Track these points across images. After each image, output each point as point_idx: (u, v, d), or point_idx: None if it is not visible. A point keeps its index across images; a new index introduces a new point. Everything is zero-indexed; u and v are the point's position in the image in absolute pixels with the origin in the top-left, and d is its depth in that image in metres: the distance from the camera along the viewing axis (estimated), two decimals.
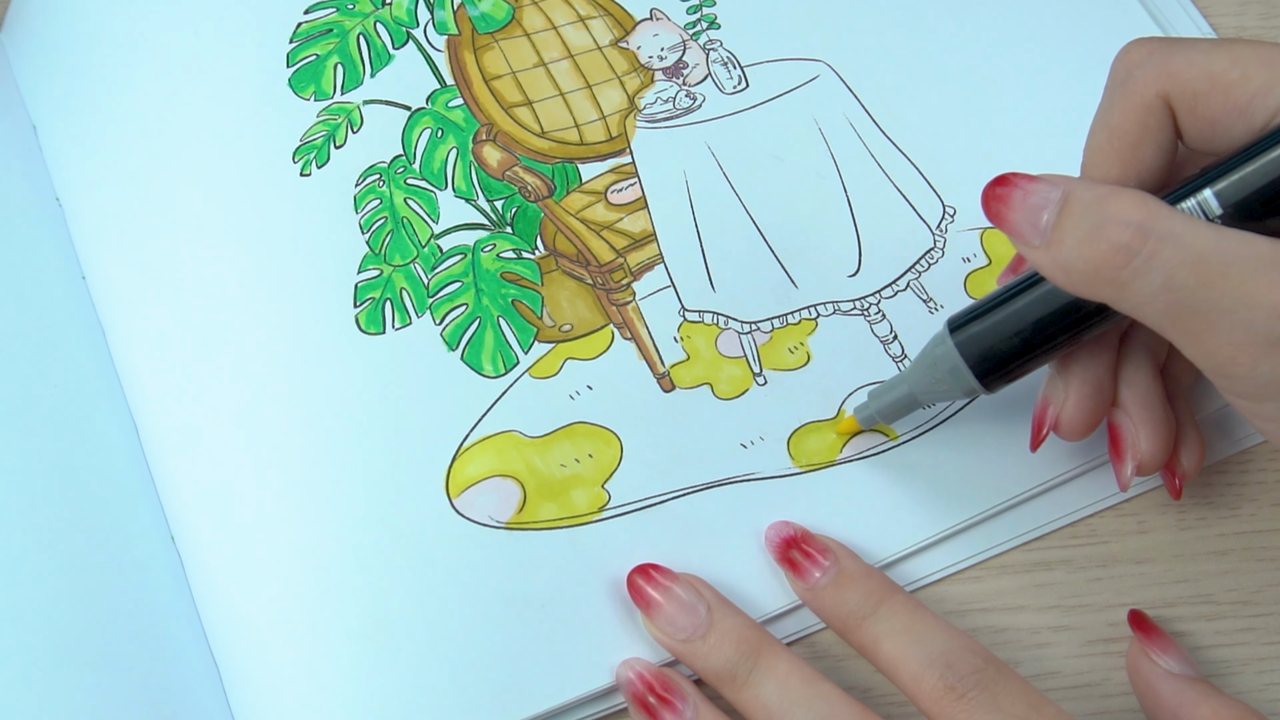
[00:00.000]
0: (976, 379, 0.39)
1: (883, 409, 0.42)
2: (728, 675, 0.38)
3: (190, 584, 0.42)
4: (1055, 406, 0.39)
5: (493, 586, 0.41)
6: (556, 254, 0.47)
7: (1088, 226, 0.33)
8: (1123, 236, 0.32)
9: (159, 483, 0.44)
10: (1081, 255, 0.33)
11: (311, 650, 0.40)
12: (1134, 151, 0.36)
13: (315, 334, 0.45)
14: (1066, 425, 0.39)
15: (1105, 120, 0.37)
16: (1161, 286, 0.32)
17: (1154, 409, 0.39)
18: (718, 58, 0.50)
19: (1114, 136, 0.36)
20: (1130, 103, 0.36)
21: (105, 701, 0.39)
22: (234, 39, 0.50)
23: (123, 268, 0.47)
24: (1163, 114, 0.35)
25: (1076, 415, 0.39)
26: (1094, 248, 0.33)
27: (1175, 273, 0.32)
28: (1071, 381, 0.39)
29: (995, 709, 0.36)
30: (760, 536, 0.42)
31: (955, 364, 0.39)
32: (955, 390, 0.39)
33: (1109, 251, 0.32)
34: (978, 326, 0.38)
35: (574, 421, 0.44)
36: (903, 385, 0.41)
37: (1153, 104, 0.35)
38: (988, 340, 0.38)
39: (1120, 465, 0.40)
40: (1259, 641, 0.41)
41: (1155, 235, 0.32)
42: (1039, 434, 0.40)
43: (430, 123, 0.49)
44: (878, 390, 0.42)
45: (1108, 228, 0.32)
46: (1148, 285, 0.32)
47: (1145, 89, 0.35)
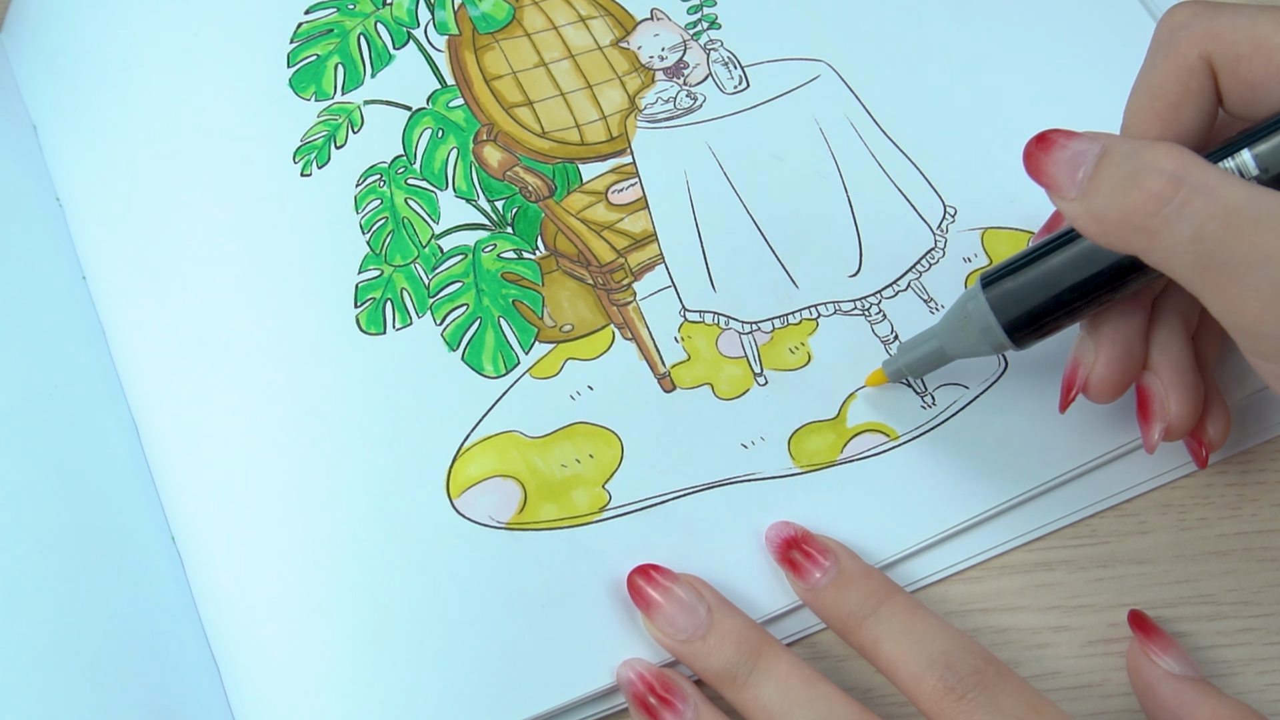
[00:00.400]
0: (1006, 335, 0.39)
1: (911, 363, 0.42)
2: (728, 676, 0.38)
3: (190, 584, 0.42)
4: (1085, 367, 0.39)
5: (493, 586, 0.41)
6: (557, 254, 0.47)
7: (1122, 174, 0.33)
8: (1156, 184, 0.32)
9: (159, 483, 0.44)
10: (1115, 203, 0.33)
11: (311, 650, 0.40)
12: (1174, 112, 0.36)
13: (316, 334, 0.45)
14: (1096, 386, 0.39)
15: (1147, 80, 0.37)
16: (1191, 237, 0.32)
17: (1185, 373, 0.39)
18: (718, 58, 0.50)
19: (1155, 97, 0.36)
20: (1173, 63, 0.36)
21: (105, 701, 0.39)
22: (234, 39, 0.50)
23: (123, 268, 0.47)
24: (1204, 76, 0.35)
25: (1107, 376, 0.39)
26: (1127, 195, 0.33)
27: (1206, 224, 0.31)
28: (1102, 342, 0.39)
29: (995, 709, 0.36)
30: (760, 537, 0.42)
31: (986, 319, 0.39)
32: (984, 345, 0.39)
33: (1141, 199, 0.32)
34: (1010, 282, 0.38)
35: (575, 422, 0.44)
36: (933, 340, 0.41)
37: (1195, 65, 0.35)
38: (1019, 296, 0.38)
39: (1148, 428, 0.39)
40: (1259, 642, 0.41)
41: (1188, 185, 0.32)
42: (1068, 395, 0.40)
43: (431, 123, 0.49)
44: (907, 344, 0.42)
45: (1141, 175, 0.32)
46: (1177, 235, 0.32)
47: (1188, 50, 0.35)
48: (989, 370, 0.44)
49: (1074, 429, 0.43)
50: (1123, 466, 0.43)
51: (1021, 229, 0.47)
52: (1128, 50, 0.49)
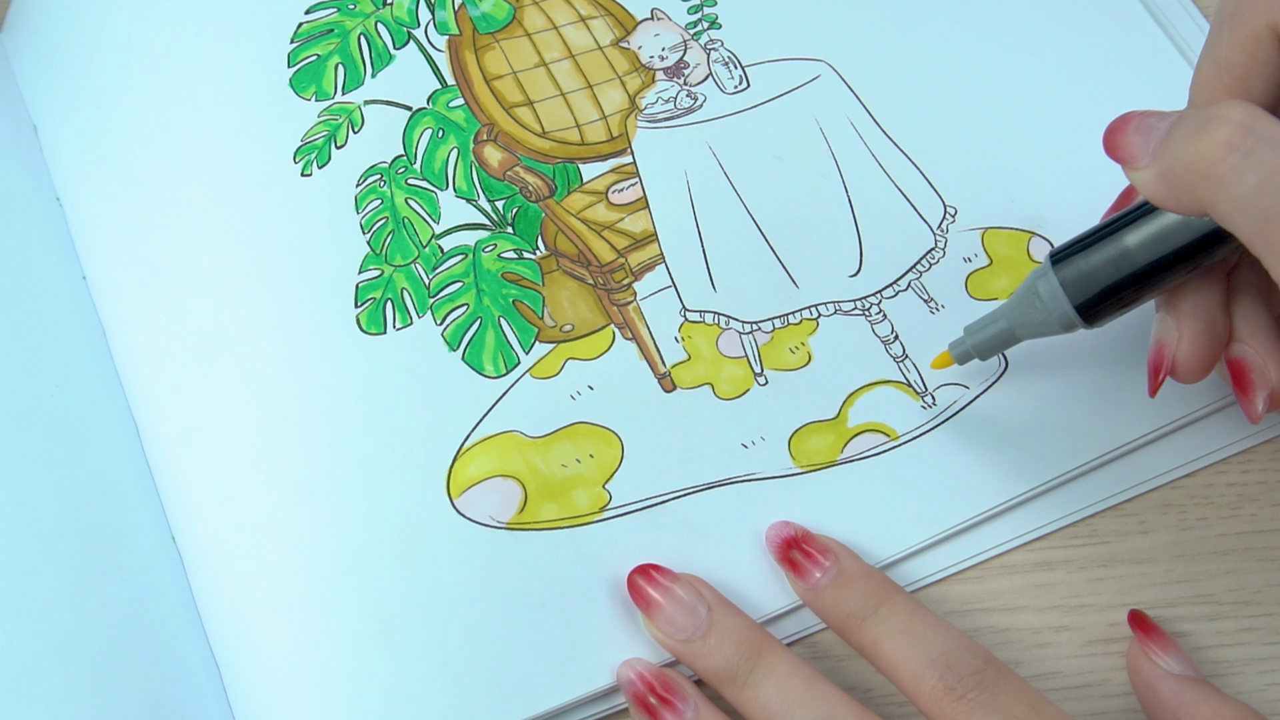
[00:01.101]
0: (1077, 313, 0.38)
1: (979, 344, 0.41)
2: (728, 675, 0.38)
3: (190, 584, 0.42)
4: (1170, 347, 0.38)
5: (493, 586, 0.41)
6: (557, 254, 0.47)
7: (1191, 129, 0.33)
8: (1223, 131, 0.32)
9: (159, 483, 0.44)
10: (1183, 155, 0.33)
11: (312, 650, 0.40)
12: (1242, 84, 0.36)
13: (316, 334, 0.45)
14: (1184, 364, 0.38)
15: (1213, 53, 0.36)
16: (1257, 187, 0.31)
17: (1276, 339, 0.38)
18: (719, 57, 0.50)
19: (1222, 69, 0.36)
20: (1239, 35, 0.35)
21: (105, 701, 0.39)
22: (235, 39, 0.50)
23: (123, 268, 0.47)
24: (1272, 46, 0.35)
25: (1194, 353, 0.38)
26: (1195, 143, 0.32)
27: (1273, 174, 0.31)
28: (1183, 319, 0.38)
29: (995, 709, 0.36)
30: (761, 536, 0.42)
31: (1056, 296, 0.38)
32: (1054, 324, 0.39)
33: (1209, 145, 0.32)
34: (1080, 259, 0.38)
35: (575, 421, 0.44)
36: (1001, 320, 0.40)
37: (1262, 35, 0.35)
38: (1090, 272, 0.38)
39: (1250, 399, 0.38)
40: (1259, 641, 0.41)
41: (1256, 134, 0.32)
42: (1156, 378, 0.39)
43: (431, 123, 0.49)
44: (974, 325, 0.41)
45: (1211, 124, 0.32)
46: (1244, 184, 0.32)
47: (1255, 20, 0.35)
48: (989, 370, 0.44)
49: (1074, 429, 0.43)
50: (1123, 466, 0.43)
51: (1022, 229, 0.47)
52: (1129, 50, 0.50)
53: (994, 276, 0.46)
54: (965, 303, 0.45)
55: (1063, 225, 0.47)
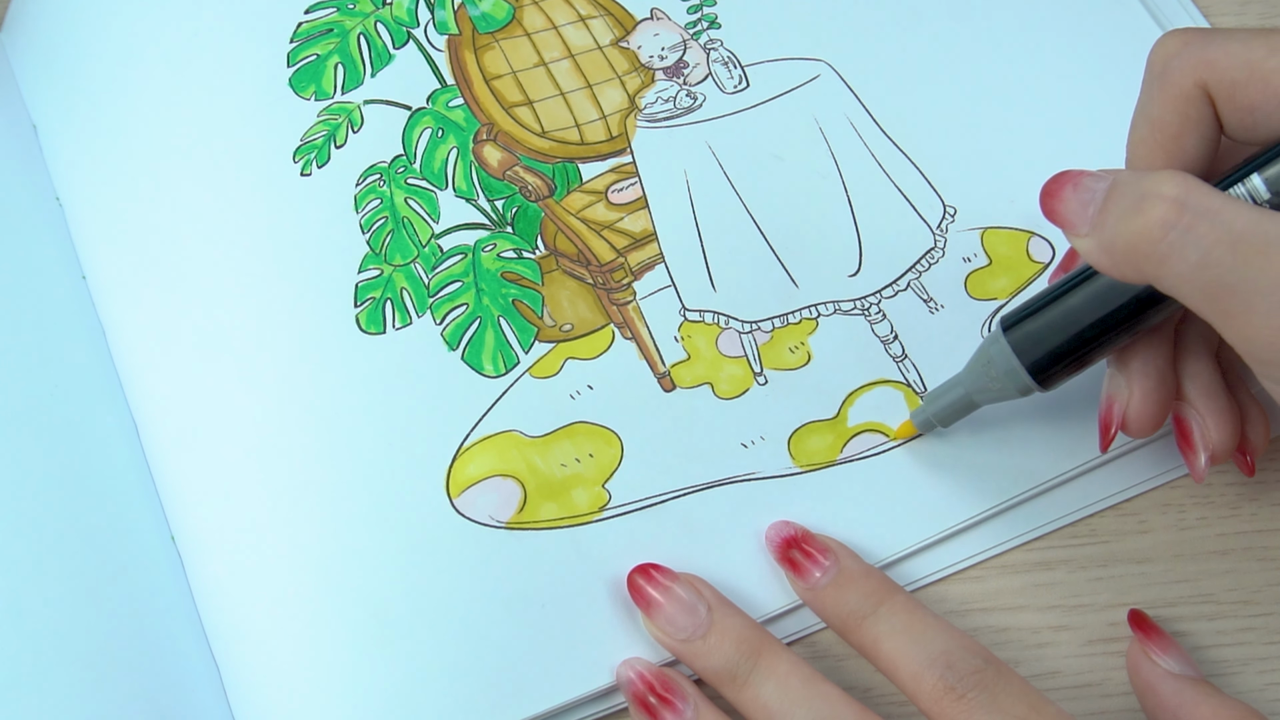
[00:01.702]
0: (1031, 377, 0.38)
1: (939, 411, 0.42)
2: (728, 675, 0.38)
3: (190, 584, 0.42)
4: (1120, 404, 0.39)
5: (493, 586, 0.41)
6: (557, 254, 0.47)
7: (1128, 203, 0.33)
8: (1159, 210, 0.32)
9: (159, 483, 0.44)
10: (1121, 231, 0.33)
11: (311, 650, 0.40)
12: (1176, 142, 0.36)
13: (316, 334, 0.45)
14: (1135, 420, 0.39)
15: (1146, 113, 0.37)
16: (1198, 263, 0.32)
17: (1218, 397, 0.39)
18: (718, 57, 0.50)
19: (1155, 129, 0.36)
20: (1169, 94, 0.36)
21: (105, 701, 0.39)
22: (234, 39, 0.50)
23: (123, 268, 0.47)
24: (1202, 104, 0.35)
25: (1144, 409, 0.38)
26: (1132, 222, 0.33)
27: (1212, 249, 0.31)
28: (1133, 376, 0.38)
29: (995, 709, 0.36)
30: (760, 536, 0.42)
31: (1010, 363, 0.39)
32: (1010, 389, 0.39)
33: (1146, 225, 0.32)
34: (1031, 324, 0.38)
35: (574, 421, 0.44)
36: (958, 387, 0.41)
37: (1192, 94, 0.35)
38: (1041, 337, 0.38)
39: (1193, 457, 0.39)
40: (1259, 641, 0.41)
41: (1191, 210, 0.32)
42: (1107, 434, 0.40)
43: (431, 122, 0.49)
44: (933, 394, 0.42)
45: (1146, 202, 0.32)
46: (1185, 261, 0.32)
47: (1183, 79, 0.35)
48: None
49: (1074, 429, 0.43)
50: (1123, 466, 0.43)
51: (1021, 229, 0.47)
52: (1129, 50, 0.50)
53: (993, 276, 0.46)
54: (965, 303, 0.45)
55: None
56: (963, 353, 0.43)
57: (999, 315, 0.40)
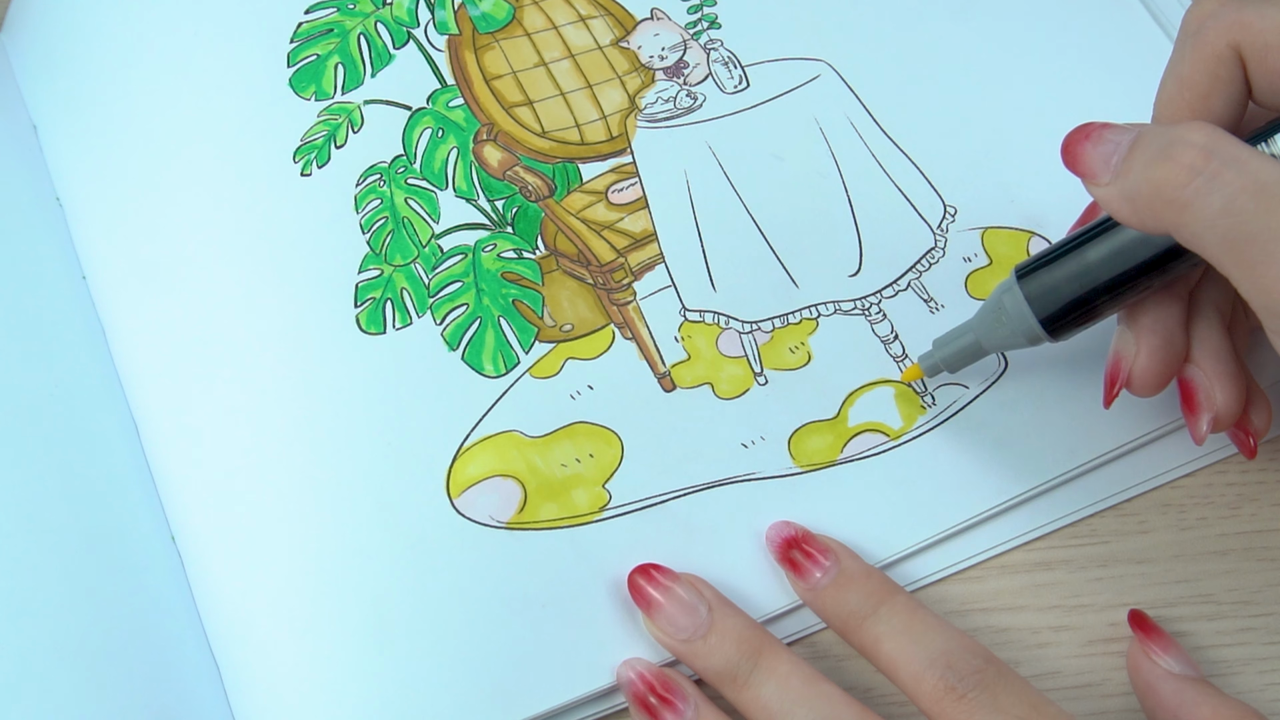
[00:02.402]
0: (1042, 326, 0.39)
1: (947, 357, 0.42)
2: (728, 675, 0.38)
3: (190, 584, 0.42)
4: (1127, 360, 0.39)
5: (493, 586, 0.41)
6: (557, 254, 0.47)
7: (1155, 149, 0.33)
8: (1187, 155, 0.32)
9: (159, 483, 0.44)
10: (1147, 177, 0.33)
11: (312, 650, 0.40)
12: (1204, 102, 0.36)
13: (316, 334, 0.45)
14: (1139, 379, 0.39)
15: (1176, 71, 0.37)
16: (1221, 209, 0.32)
17: (1227, 362, 0.39)
18: (718, 57, 0.50)
19: (1184, 87, 0.36)
20: (1201, 53, 0.36)
21: (105, 701, 0.39)
22: (234, 39, 0.50)
23: (123, 268, 0.47)
24: (1233, 65, 0.35)
25: (1150, 368, 0.38)
26: (1159, 168, 0.33)
27: (1237, 197, 0.31)
28: (1142, 334, 0.38)
29: (996, 709, 0.36)
30: (761, 536, 0.42)
31: (1022, 310, 0.39)
32: (1020, 338, 0.39)
33: (1173, 170, 0.32)
34: (1045, 273, 0.38)
35: (575, 421, 0.44)
36: (968, 333, 0.41)
37: (1224, 54, 0.35)
38: (1055, 286, 0.38)
39: (1195, 419, 0.39)
40: (1259, 641, 0.41)
41: (1219, 157, 0.32)
42: (1112, 389, 0.39)
43: (431, 122, 0.49)
44: (943, 339, 0.42)
45: (1174, 148, 0.32)
46: (1208, 207, 0.32)
47: (1216, 39, 0.35)
48: (989, 370, 0.44)
49: (1074, 429, 0.43)
50: (1123, 466, 0.43)
51: (1021, 229, 0.47)
52: (1129, 50, 0.50)
53: (994, 276, 0.46)
54: (965, 302, 0.45)
55: (1063, 225, 0.46)
56: None
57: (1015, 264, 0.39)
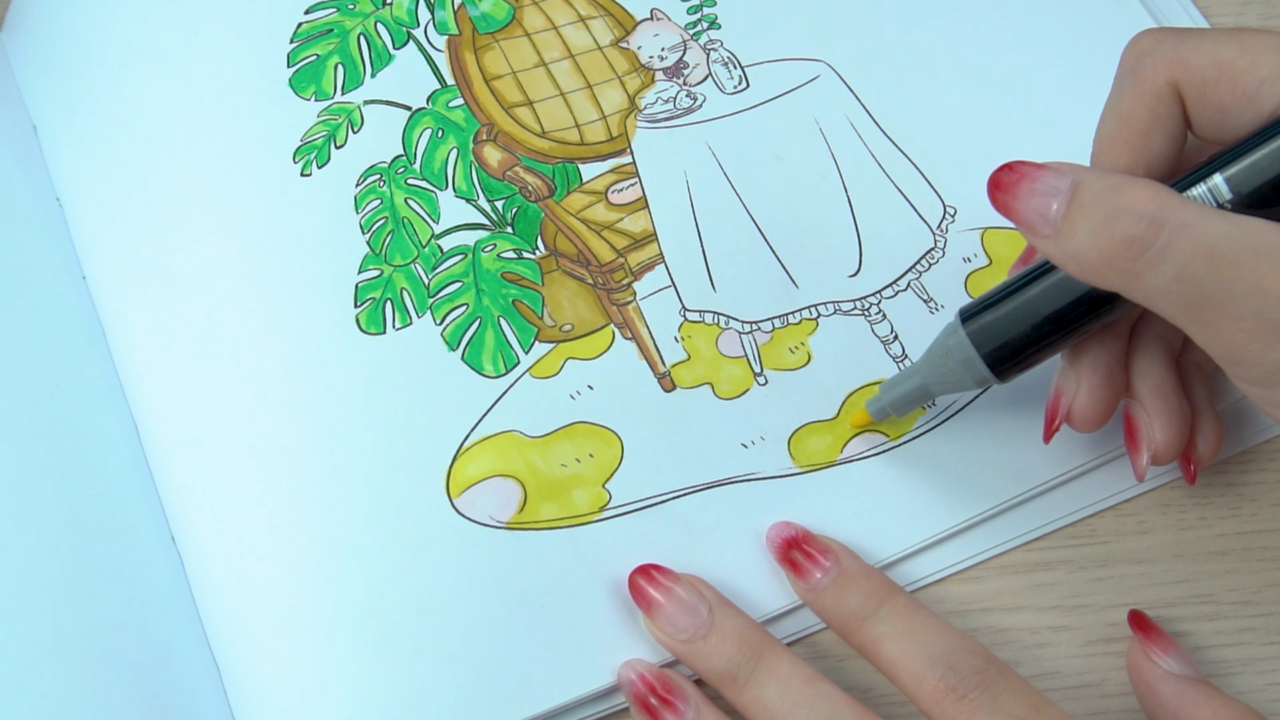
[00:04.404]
0: (988, 368, 0.39)
1: (895, 401, 0.42)
2: (729, 676, 0.38)
3: (190, 584, 0.42)
4: (1068, 397, 0.39)
5: (493, 586, 0.41)
6: (557, 254, 0.47)
7: (1100, 217, 0.33)
8: (1136, 229, 0.32)
9: (159, 483, 0.44)
10: (1094, 246, 0.33)
11: (312, 650, 0.40)
12: (1143, 140, 0.36)
13: (316, 334, 0.45)
14: (1079, 415, 0.39)
15: (1115, 108, 0.37)
16: (1174, 277, 0.32)
17: (1167, 399, 0.39)
18: (718, 58, 0.50)
19: (1124, 124, 0.36)
20: (1140, 90, 0.36)
21: (105, 701, 0.39)
22: (234, 39, 0.50)
23: (123, 268, 0.47)
24: (1172, 102, 0.36)
25: (1089, 405, 0.39)
26: (1107, 239, 0.32)
27: (1188, 263, 0.32)
28: (1083, 371, 0.39)
29: (996, 710, 0.36)
30: (761, 536, 0.42)
31: (967, 354, 0.39)
32: (967, 380, 0.39)
33: (1122, 243, 0.32)
34: (989, 315, 0.38)
35: (575, 421, 0.44)
36: (915, 377, 0.41)
37: (1162, 91, 0.35)
38: (999, 329, 0.38)
39: (1136, 455, 0.40)
40: (1259, 641, 0.41)
41: (1169, 227, 0.32)
42: (1052, 425, 0.40)
43: (431, 123, 0.49)
44: (890, 382, 0.42)
45: (1120, 219, 0.32)
46: (1161, 276, 0.32)
47: (1155, 76, 0.36)
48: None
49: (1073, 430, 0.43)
50: (1123, 466, 0.43)
51: None
52: None
53: (994, 276, 0.46)
54: (965, 302, 0.45)
55: None
56: None
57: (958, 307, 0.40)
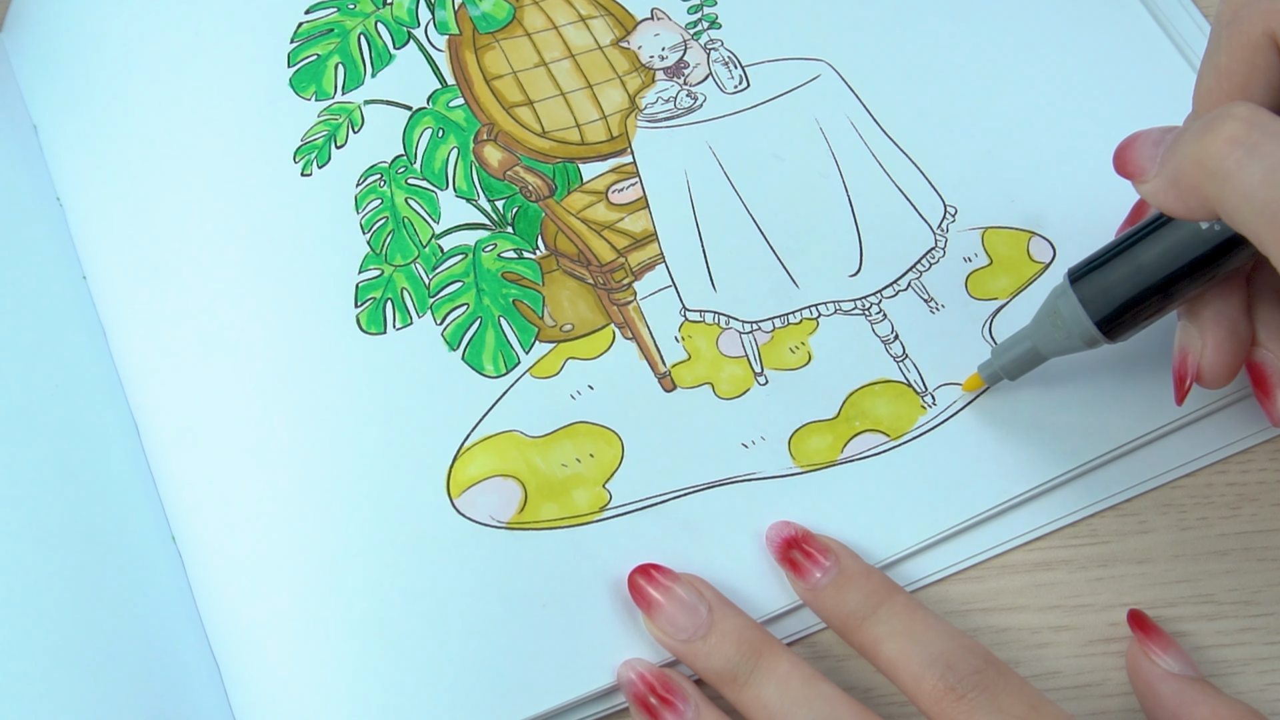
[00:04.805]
0: (1098, 329, 0.38)
1: (1006, 365, 0.42)
2: (729, 675, 0.38)
3: (190, 584, 0.42)
4: (1194, 355, 0.39)
5: (493, 586, 0.41)
6: (557, 254, 0.47)
7: (1197, 129, 0.33)
8: (1229, 127, 0.32)
9: (159, 483, 0.44)
10: (1188, 153, 0.33)
11: (312, 650, 0.40)
12: (1242, 92, 0.36)
13: (316, 334, 0.45)
14: (1209, 371, 0.38)
15: (1213, 62, 0.36)
16: (1262, 180, 0.31)
17: None
18: (719, 57, 0.50)
19: (1222, 77, 0.36)
20: (1237, 42, 0.36)
21: (105, 701, 0.39)
22: (235, 39, 0.50)
23: (123, 268, 0.47)
24: (1270, 53, 0.35)
25: (1218, 359, 0.38)
26: (1201, 142, 0.33)
27: (1278, 168, 0.31)
28: (1205, 327, 0.38)
29: (995, 709, 0.36)
30: (761, 536, 0.42)
31: (1077, 314, 0.38)
32: (1078, 341, 0.39)
33: (1215, 142, 0.32)
34: (1098, 275, 0.38)
35: (575, 421, 0.44)
36: (1025, 340, 0.41)
37: (1260, 43, 0.35)
38: (1108, 288, 0.38)
39: (1272, 401, 0.39)
40: (1259, 641, 0.41)
41: (1260, 129, 0.32)
42: (1182, 386, 0.39)
43: (431, 122, 0.49)
44: (1001, 347, 0.42)
45: (1216, 121, 0.32)
46: (1250, 177, 0.32)
47: (1252, 28, 0.35)
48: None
49: (1074, 429, 0.43)
50: (1123, 466, 0.43)
51: (1022, 229, 0.47)
52: (1129, 50, 0.50)
53: (994, 276, 0.46)
54: (965, 302, 0.46)
55: (1063, 225, 0.47)
56: (964, 352, 0.44)
57: (1067, 268, 0.39)
